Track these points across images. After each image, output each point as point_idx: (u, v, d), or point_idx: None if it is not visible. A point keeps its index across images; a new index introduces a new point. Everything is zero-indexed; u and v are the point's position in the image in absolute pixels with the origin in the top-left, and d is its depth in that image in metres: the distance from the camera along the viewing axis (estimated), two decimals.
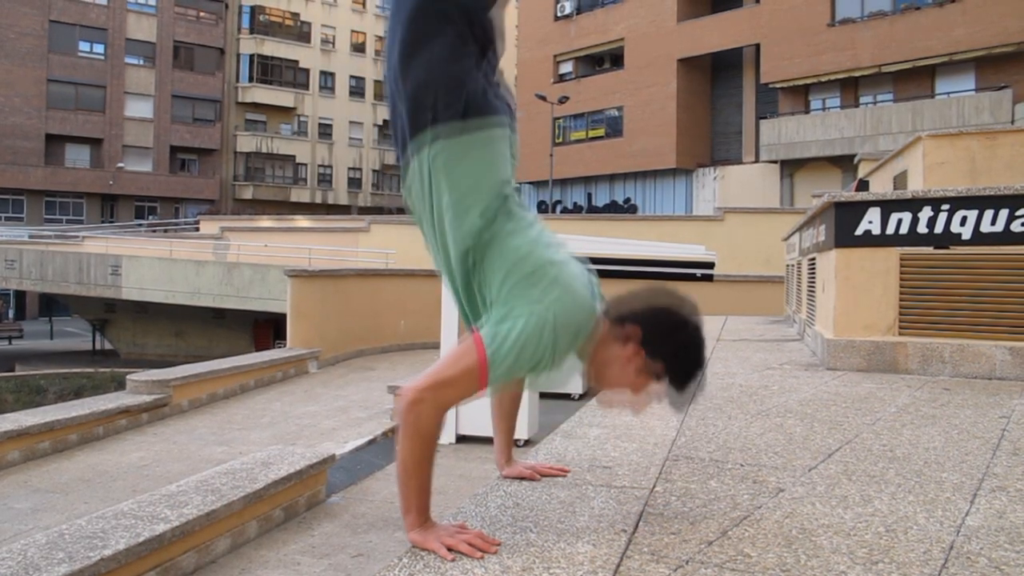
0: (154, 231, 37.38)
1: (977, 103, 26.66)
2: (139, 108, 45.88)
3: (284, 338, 15.64)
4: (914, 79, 29.06)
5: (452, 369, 2.05)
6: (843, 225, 6.20)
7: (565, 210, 40.03)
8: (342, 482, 7.28)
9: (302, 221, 32.22)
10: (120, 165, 45.02)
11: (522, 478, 2.81)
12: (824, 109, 31.83)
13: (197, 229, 33.32)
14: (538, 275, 2.09)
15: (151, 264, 24.75)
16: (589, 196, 40.31)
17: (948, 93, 28.35)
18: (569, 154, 40.04)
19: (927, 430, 3.83)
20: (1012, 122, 24.19)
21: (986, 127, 19.21)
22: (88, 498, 7.06)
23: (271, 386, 13.03)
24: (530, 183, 43.17)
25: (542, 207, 40.31)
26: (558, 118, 40.33)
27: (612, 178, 39.31)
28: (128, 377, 11.11)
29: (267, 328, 25.09)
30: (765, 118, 33.01)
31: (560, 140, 41.01)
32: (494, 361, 2.02)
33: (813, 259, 7.91)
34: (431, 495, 2.16)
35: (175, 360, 21.30)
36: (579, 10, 41.79)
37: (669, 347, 2.13)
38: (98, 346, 30.30)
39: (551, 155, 37.92)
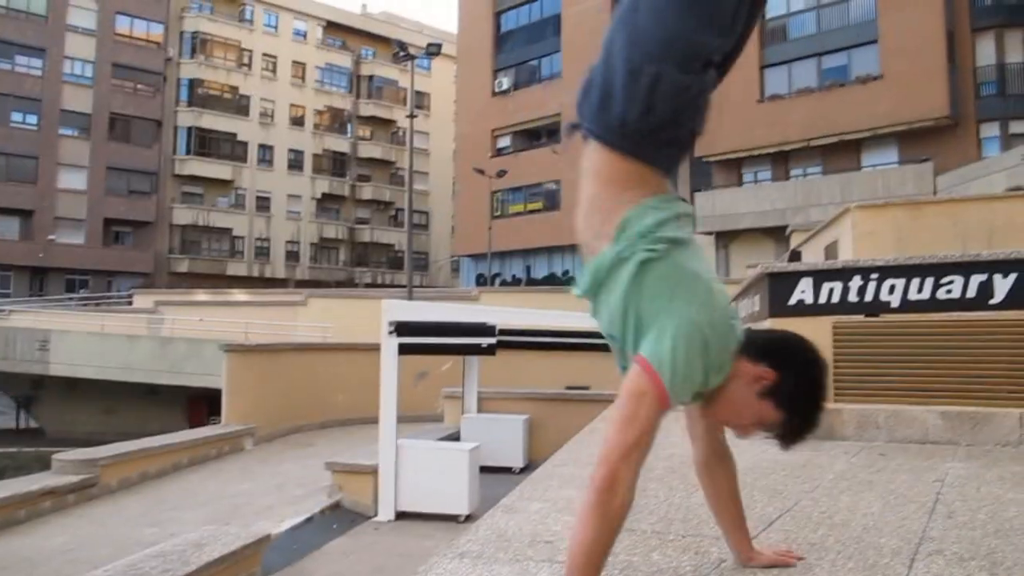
0: (85, 305, 36.52)
1: (901, 175, 27.66)
2: (72, 180, 45.20)
3: (219, 414, 15.30)
4: (841, 152, 30.09)
5: (635, 424, 1.93)
6: (777, 295, 6.32)
7: (504, 283, 40.24)
8: (278, 563, 7.08)
9: (239, 295, 31.81)
10: (51, 237, 44.12)
11: (776, 565, 2.59)
12: (756, 182, 32.71)
13: (131, 303, 32.66)
14: (684, 287, 2.05)
15: (82, 339, 24.13)
16: (528, 269, 40.60)
17: (874, 166, 29.40)
18: (508, 227, 40.40)
19: (865, 496, 3.87)
20: (934, 193, 25.07)
21: (910, 198, 19.89)
22: None
23: (205, 464, 12.68)
24: (469, 256, 43.38)
25: (480, 280, 40.48)
26: (496, 191, 40.77)
27: (551, 251, 39.67)
28: (54, 456, 10.73)
29: (202, 404, 24.51)
30: (700, 190, 33.76)
31: (499, 213, 41.42)
32: (672, 382, 1.94)
33: (758, 326, 8.02)
34: None
35: (105, 438, 20.61)
36: (516, 86, 42.64)
37: (798, 380, 2.09)
38: (22, 424, 29.24)
39: (490, 228, 38.21)
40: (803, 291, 6.19)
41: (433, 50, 28.80)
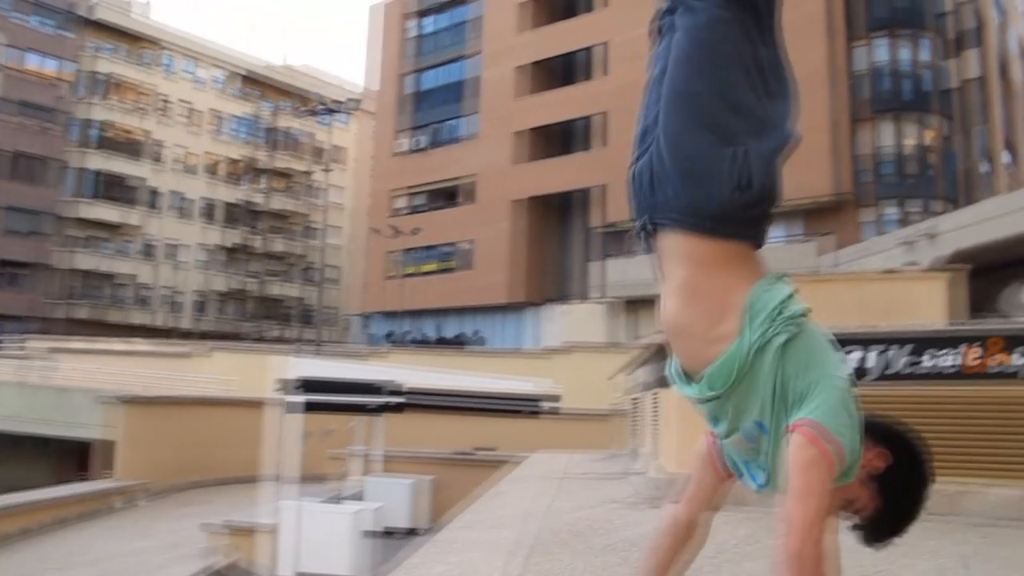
0: None
1: (804, 248, 28.69)
2: None
3: (112, 468, 14.71)
4: None
5: (813, 495, 1.81)
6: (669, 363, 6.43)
7: (414, 341, 40.01)
8: None
9: (139, 344, 30.83)
10: None
11: None
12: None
13: (22, 349, 31.31)
14: (826, 357, 1.98)
15: None
16: (438, 328, 40.48)
17: (780, 238, 30.48)
18: (419, 286, 40.28)
19: (765, 561, 3.94)
20: (835, 266, 26.04)
21: (812, 270, 20.59)
22: None
23: (94, 520, 12.13)
24: (380, 313, 43.05)
25: (391, 338, 40.15)
26: (408, 250, 40.73)
27: (461, 311, 39.68)
28: None
29: (94, 457, 23.51)
30: (609, 257, 34.34)
31: (410, 272, 41.31)
32: (840, 444, 1.84)
33: (655, 394, 8.16)
34: None
35: None
36: (432, 145, 42.99)
37: (908, 478, 2.02)
38: None
39: (400, 286, 38.12)
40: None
41: (351, 106, 28.97)
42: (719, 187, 1.99)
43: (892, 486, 2.00)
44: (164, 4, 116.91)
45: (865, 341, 6.16)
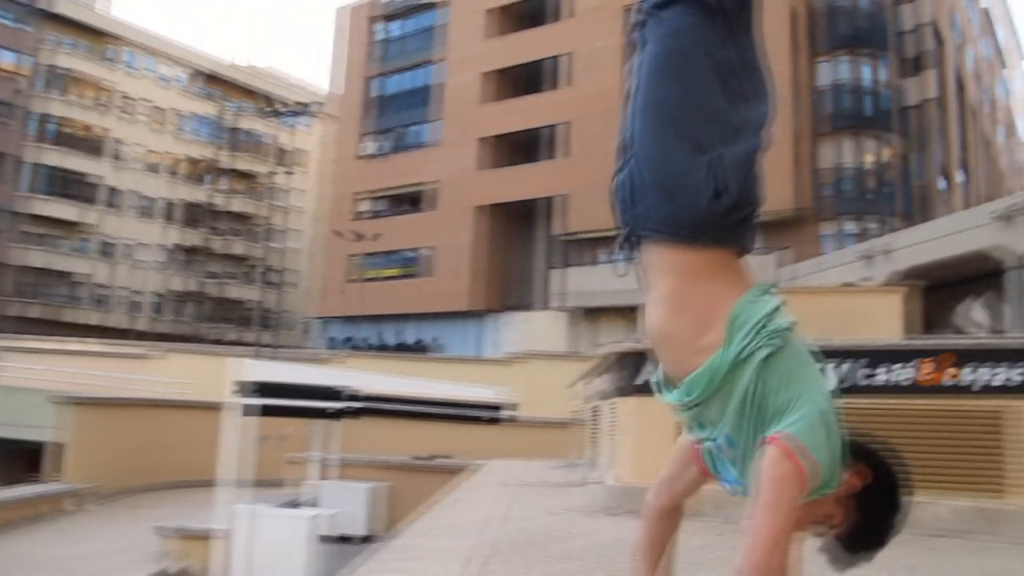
0: None
1: (760, 262, 28.99)
2: None
3: (55, 471, 14.41)
4: None
5: (781, 509, 1.82)
6: (628, 374, 6.52)
7: (370, 347, 39.74)
8: None
9: (91, 344, 30.22)
10: None
11: None
12: (611, 262, 33.56)
13: None
14: (807, 375, 1.99)
15: None
16: (397, 333, 40.26)
17: None
18: (369, 291, 40.01)
19: (720, 570, 4.00)
20: (793, 280, 26.34)
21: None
22: None
23: (35, 525, 11.86)
24: (339, 318, 42.72)
25: (346, 343, 39.87)
26: (369, 254, 40.50)
27: (411, 317, 39.44)
28: None
29: (34, 460, 22.98)
30: (569, 266, 34.44)
31: (370, 276, 41.06)
32: (813, 463, 1.84)
33: (612, 404, 8.21)
34: None
35: None
36: (389, 151, 42.82)
37: (884, 501, 2.03)
38: None
39: (360, 291, 37.89)
40: (651, 371, 6.37)
41: (300, 108, 28.68)
42: (695, 196, 2.00)
43: (869, 504, 2.01)
44: (126, 1, 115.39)
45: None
